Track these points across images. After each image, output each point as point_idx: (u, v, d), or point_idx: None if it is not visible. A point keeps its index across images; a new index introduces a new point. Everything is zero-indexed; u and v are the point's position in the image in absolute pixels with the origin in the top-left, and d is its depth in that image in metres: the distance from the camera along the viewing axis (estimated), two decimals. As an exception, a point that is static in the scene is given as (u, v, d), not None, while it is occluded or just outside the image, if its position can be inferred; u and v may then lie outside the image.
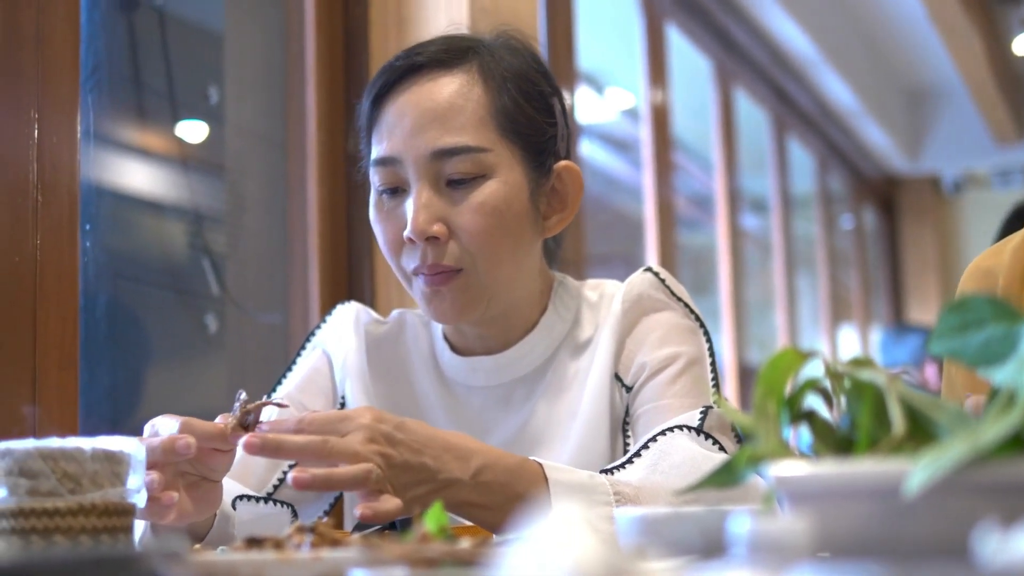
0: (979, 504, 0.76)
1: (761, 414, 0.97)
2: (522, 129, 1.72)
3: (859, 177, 8.44)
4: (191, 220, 2.76)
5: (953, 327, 0.89)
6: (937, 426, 0.88)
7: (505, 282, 1.72)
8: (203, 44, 2.90)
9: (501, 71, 1.73)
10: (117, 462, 1.22)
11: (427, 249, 1.67)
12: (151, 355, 2.64)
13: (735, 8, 5.69)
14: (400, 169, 1.69)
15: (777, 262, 6.73)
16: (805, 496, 0.80)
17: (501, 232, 1.69)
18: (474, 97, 1.70)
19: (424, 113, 1.69)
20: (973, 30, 6.61)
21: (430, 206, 1.66)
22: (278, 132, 3.00)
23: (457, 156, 1.67)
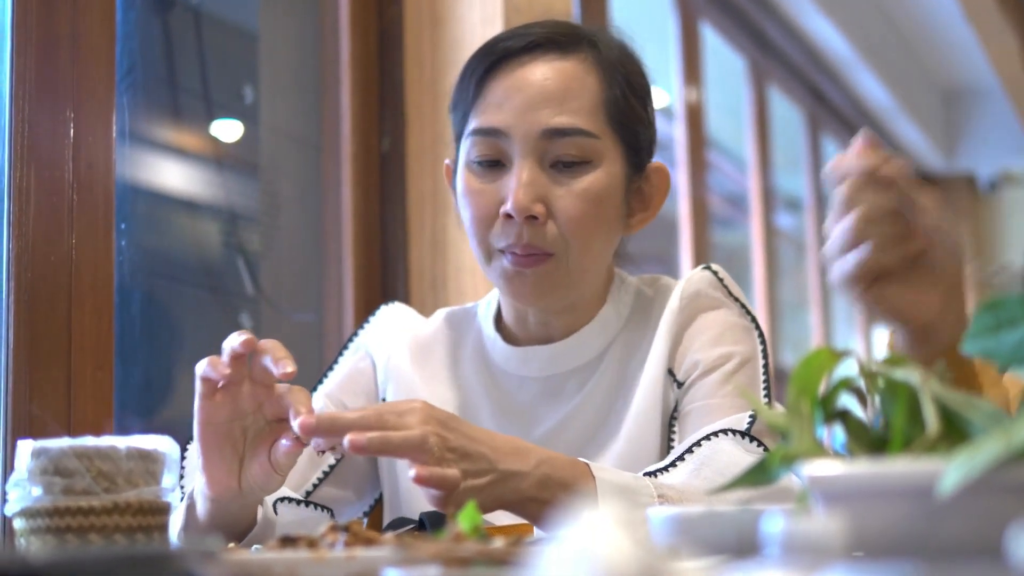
0: (1013, 504, 0.76)
1: (795, 413, 0.97)
2: (627, 123, 1.72)
3: (894, 176, 8.40)
4: (226, 219, 2.77)
5: (987, 327, 0.89)
6: (971, 425, 0.88)
7: (588, 273, 1.72)
8: (238, 44, 2.91)
9: (612, 62, 1.73)
10: (152, 460, 1.23)
11: (524, 228, 1.65)
12: (186, 354, 2.65)
13: (769, 6, 5.67)
14: (504, 143, 1.68)
15: (811, 261, 6.71)
16: (839, 496, 0.80)
17: (597, 222, 1.68)
18: (588, 83, 1.70)
19: (539, 91, 1.68)
20: (1009, 28, 6.57)
21: (534, 184, 1.65)
22: (313, 132, 3.01)
23: (568, 138, 1.66)
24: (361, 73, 2.98)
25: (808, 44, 6.20)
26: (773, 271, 5.78)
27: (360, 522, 1.13)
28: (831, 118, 6.96)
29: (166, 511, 1.23)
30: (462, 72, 1.75)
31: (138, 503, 1.20)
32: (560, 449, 1.66)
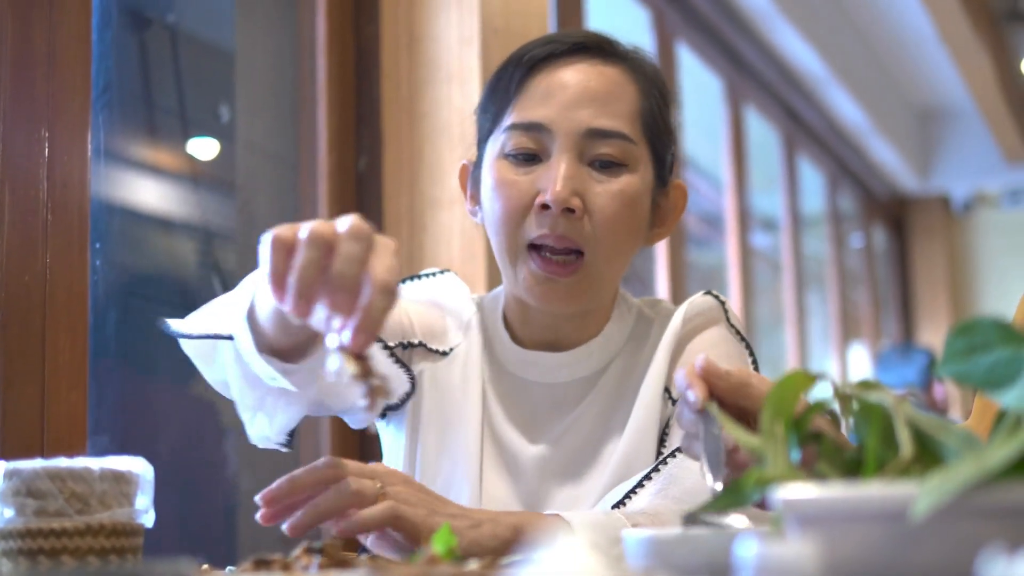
0: (986, 528, 0.76)
1: (769, 436, 0.97)
2: (658, 135, 1.76)
3: (869, 196, 8.44)
4: (202, 238, 2.76)
5: (960, 350, 0.89)
6: (945, 449, 0.88)
7: (611, 277, 1.74)
8: (214, 62, 2.91)
9: (648, 76, 1.77)
10: (125, 482, 1.22)
11: (559, 219, 1.66)
12: (161, 374, 2.64)
13: (745, 27, 5.70)
14: (545, 137, 1.70)
15: (787, 280, 6.73)
16: (812, 519, 0.80)
17: (627, 225, 1.71)
18: (629, 91, 1.73)
19: (586, 90, 1.71)
20: (983, 49, 6.62)
21: (573, 179, 1.67)
22: (289, 150, 3.01)
23: (609, 139, 1.69)
24: (338, 92, 2.98)
25: (784, 64, 6.23)
26: (749, 290, 5.79)
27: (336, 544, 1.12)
28: (807, 138, 6.98)
29: (139, 533, 1.23)
30: (499, 73, 1.78)
31: (111, 525, 1.19)
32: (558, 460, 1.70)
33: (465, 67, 2.90)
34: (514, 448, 1.75)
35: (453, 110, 2.90)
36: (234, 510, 2.85)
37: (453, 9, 2.92)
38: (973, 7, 6.37)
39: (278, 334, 1.37)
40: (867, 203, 8.44)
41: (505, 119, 1.73)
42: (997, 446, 0.81)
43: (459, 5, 2.91)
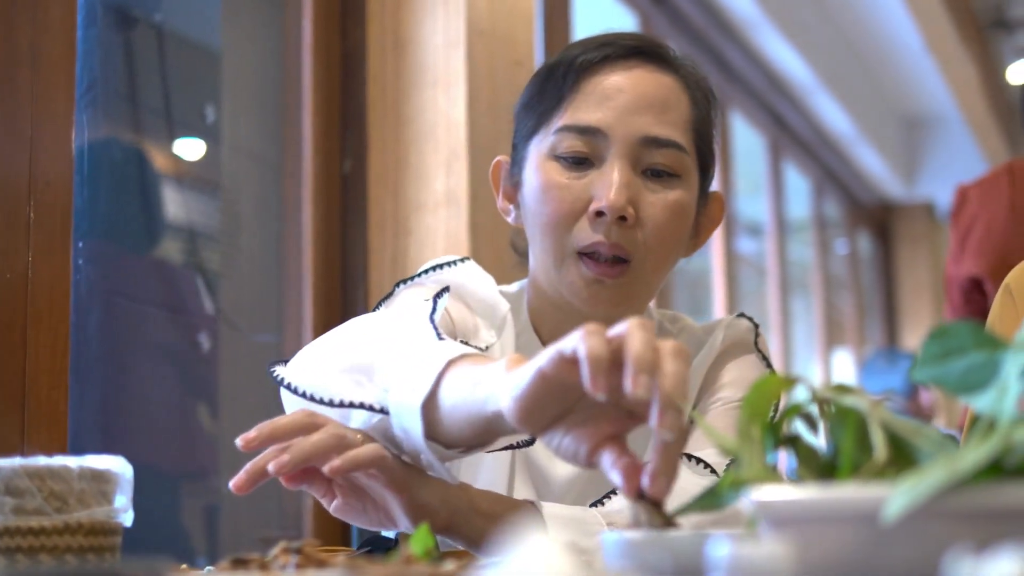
0: (958, 530, 0.77)
1: (746, 438, 0.98)
2: (705, 146, 1.73)
3: (854, 202, 8.46)
4: (186, 238, 2.76)
5: (935, 354, 0.89)
6: (919, 452, 0.89)
7: (654, 287, 1.71)
8: (200, 62, 2.91)
9: (700, 85, 1.74)
10: (104, 481, 1.22)
11: (613, 227, 1.62)
12: (143, 374, 2.64)
13: (733, 33, 5.71)
14: (600, 142, 1.66)
15: (772, 286, 6.74)
16: (786, 521, 0.81)
17: (676, 236, 1.68)
18: (683, 100, 1.70)
19: (644, 96, 1.67)
20: (968, 58, 6.64)
21: (629, 187, 1.64)
22: (274, 152, 3.01)
23: (665, 149, 1.65)
24: (323, 94, 2.98)
25: (770, 71, 6.24)
26: (734, 295, 5.80)
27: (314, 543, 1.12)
28: (792, 144, 7.00)
29: (118, 531, 1.22)
30: (547, 72, 1.72)
31: (89, 524, 1.19)
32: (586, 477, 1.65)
33: (451, 70, 2.90)
34: (544, 467, 1.70)
35: (439, 113, 2.90)
36: (215, 510, 2.85)
37: (439, 13, 2.92)
38: (959, 16, 6.40)
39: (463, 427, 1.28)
40: (852, 209, 8.46)
41: (555, 120, 1.68)
42: (969, 450, 0.81)
43: (445, 9, 2.91)
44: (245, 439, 1.34)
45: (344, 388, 1.41)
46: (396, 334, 1.43)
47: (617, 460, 1.14)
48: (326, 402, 1.41)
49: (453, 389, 1.28)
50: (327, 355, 1.46)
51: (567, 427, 1.18)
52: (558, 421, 1.18)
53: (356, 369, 1.41)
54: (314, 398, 1.43)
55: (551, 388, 1.15)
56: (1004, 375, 0.87)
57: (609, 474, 1.14)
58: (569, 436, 1.17)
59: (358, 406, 1.38)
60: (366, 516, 1.41)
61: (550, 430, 1.18)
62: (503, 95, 2.98)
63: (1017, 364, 0.87)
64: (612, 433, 1.17)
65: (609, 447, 1.15)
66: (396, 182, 2.92)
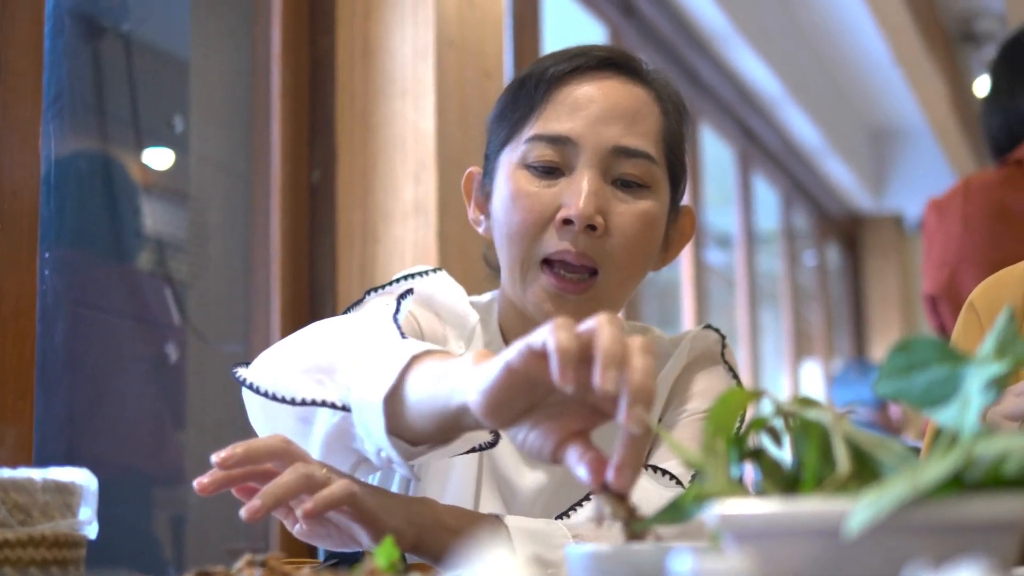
0: (919, 544, 0.77)
1: (710, 452, 0.98)
2: (676, 159, 1.73)
3: (823, 214, 8.50)
4: (153, 248, 2.75)
5: (899, 368, 0.90)
6: (882, 466, 0.89)
7: (621, 299, 1.70)
8: (169, 72, 2.90)
9: (671, 97, 1.74)
10: (68, 493, 1.21)
11: (581, 236, 1.62)
12: (110, 385, 2.62)
13: (702, 46, 5.73)
14: (570, 151, 1.66)
15: (741, 297, 6.76)
16: (749, 534, 0.81)
17: (645, 248, 1.68)
18: (655, 112, 1.70)
19: (615, 107, 1.67)
20: (936, 71, 6.68)
21: (599, 196, 1.64)
22: (242, 162, 3.00)
23: (635, 159, 1.66)
24: (292, 104, 2.98)
25: (740, 83, 6.27)
26: (703, 306, 5.82)
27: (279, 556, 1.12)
28: (762, 156, 7.02)
29: (82, 544, 1.22)
30: (520, 83, 1.73)
31: (53, 536, 1.18)
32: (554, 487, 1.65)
33: (420, 80, 2.90)
34: (511, 477, 1.69)
35: (407, 123, 2.90)
36: (182, 521, 2.84)
37: (408, 22, 2.92)
38: (927, 30, 6.43)
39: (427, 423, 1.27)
40: (821, 221, 8.49)
41: (527, 130, 1.68)
42: (931, 464, 0.81)
43: (414, 19, 2.91)
44: (220, 457, 1.34)
45: (306, 387, 1.40)
46: (359, 334, 1.43)
47: (583, 455, 1.14)
48: (287, 400, 1.41)
49: (417, 384, 1.27)
50: (289, 355, 1.46)
51: (533, 422, 1.18)
52: (524, 416, 1.18)
53: (318, 369, 1.40)
54: (275, 397, 1.42)
55: (519, 382, 1.15)
56: (966, 389, 0.87)
57: (575, 469, 1.14)
58: (535, 432, 1.18)
59: (319, 404, 1.38)
60: (330, 539, 1.40)
61: (515, 425, 1.19)
62: (472, 106, 2.98)
63: (979, 379, 0.87)
64: (578, 429, 1.17)
65: (575, 443, 1.16)
66: (364, 192, 2.91)
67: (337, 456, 1.41)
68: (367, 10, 2.98)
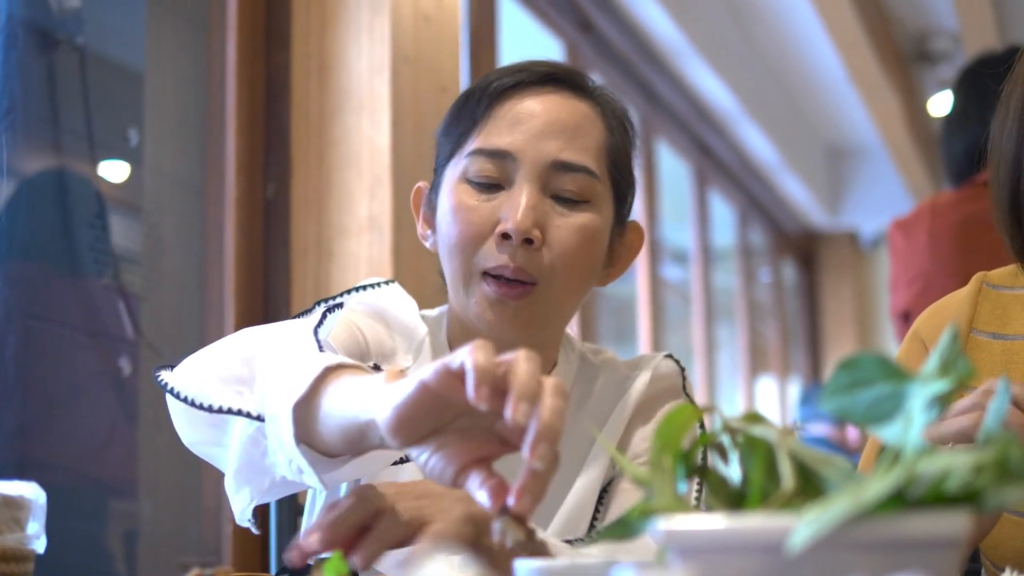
0: (861, 560, 0.78)
1: (657, 468, 0.99)
2: (621, 174, 1.73)
3: (779, 231, 8.54)
4: (108, 262, 2.74)
5: (844, 385, 0.91)
6: (827, 482, 0.90)
7: (564, 311, 1.71)
8: (124, 85, 2.89)
9: (616, 113, 1.75)
10: (17, 507, 1.21)
11: (518, 250, 1.63)
12: (63, 398, 2.61)
13: (658, 61, 5.75)
14: (510, 165, 1.66)
15: (697, 313, 6.78)
16: (693, 550, 0.82)
17: (585, 260, 1.68)
18: (597, 127, 1.71)
19: (555, 122, 1.68)
20: (891, 90, 6.73)
21: (536, 210, 1.64)
22: (197, 176, 2.99)
23: (574, 173, 1.66)
24: (247, 118, 2.97)
25: (696, 99, 6.29)
26: (659, 322, 5.83)
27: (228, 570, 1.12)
28: (718, 172, 7.05)
29: (29, 558, 1.21)
30: (464, 97, 1.74)
31: (1, 550, 1.18)
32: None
33: (375, 96, 2.90)
34: None
35: (363, 139, 2.90)
36: (134, 535, 2.82)
37: (364, 38, 2.92)
38: (882, 48, 6.48)
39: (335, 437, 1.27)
40: (777, 238, 8.54)
41: (469, 144, 1.69)
42: (874, 481, 0.82)
43: (370, 34, 2.92)
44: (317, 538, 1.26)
45: (224, 396, 1.41)
46: (279, 345, 1.44)
47: (484, 481, 1.15)
48: (206, 408, 1.41)
49: (329, 396, 1.27)
50: (211, 363, 1.46)
51: (437, 446, 1.18)
52: (429, 438, 1.18)
53: (237, 379, 1.42)
54: (195, 403, 1.43)
55: (431, 402, 1.15)
56: (909, 407, 0.88)
57: (475, 493, 1.15)
58: (438, 455, 1.18)
59: (236, 413, 1.39)
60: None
61: (420, 445, 1.18)
62: (428, 121, 2.99)
63: (922, 396, 0.88)
64: (481, 457, 1.18)
65: (477, 469, 1.16)
66: (319, 207, 2.91)
67: (252, 472, 1.41)
68: (323, 25, 2.98)
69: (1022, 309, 1.69)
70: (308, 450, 1.29)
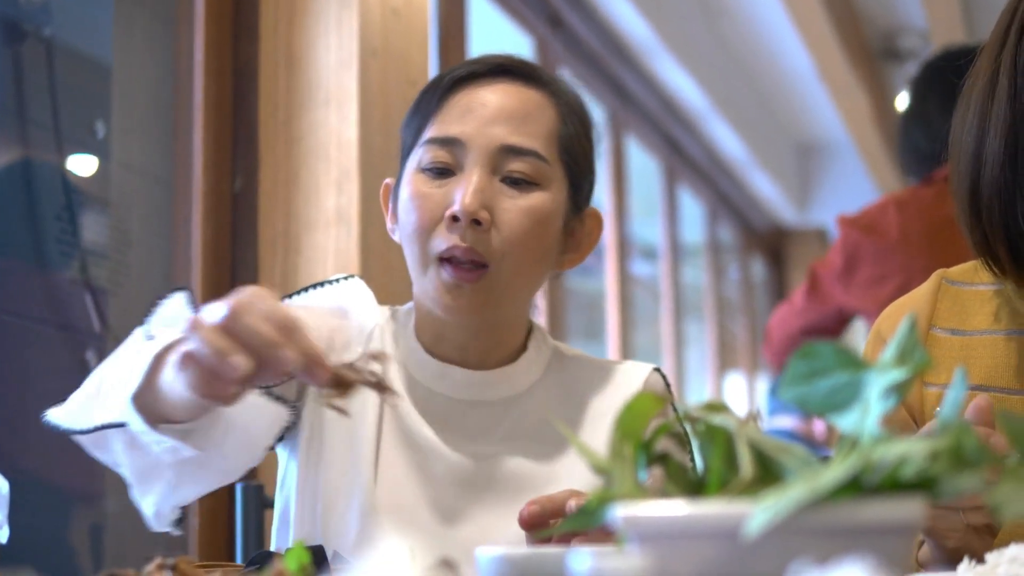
0: (816, 546, 0.79)
1: (618, 456, 0.99)
2: (576, 160, 1.78)
3: (748, 227, 8.56)
4: (74, 256, 2.73)
5: (802, 374, 0.91)
6: (784, 470, 0.91)
7: (518, 293, 1.75)
8: (91, 77, 2.88)
9: (569, 102, 1.81)
10: (-22, 497, 1.21)
11: (467, 231, 1.68)
12: (28, 392, 2.60)
13: (628, 58, 5.76)
14: (460, 152, 1.72)
15: (666, 309, 6.80)
16: (650, 536, 0.82)
17: (537, 241, 1.72)
18: (547, 114, 1.76)
19: (503, 108, 1.74)
20: (859, 87, 6.75)
21: (484, 191, 1.69)
22: (164, 169, 2.98)
23: (523, 157, 1.72)
24: (215, 111, 2.97)
25: (665, 96, 6.31)
26: (628, 318, 5.84)
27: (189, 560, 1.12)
28: (687, 169, 7.07)
29: (-9, 548, 1.21)
30: (422, 91, 1.81)
31: (-38, 540, 1.18)
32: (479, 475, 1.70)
33: (343, 89, 2.90)
34: (429, 447, 1.73)
35: (330, 132, 2.90)
36: (100, 530, 2.81)
37: (332, 32, 2.92)
38: (851, 45, 6.51)
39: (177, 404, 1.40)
40: (746, 234, 8.56)
41: (424, 135, 1.75)
42: (830, 468, 0.83)
43: (338, 28, 2.91)
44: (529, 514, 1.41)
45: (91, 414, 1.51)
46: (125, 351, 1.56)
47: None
48: (82, 431, 1.52)
49: (164, 377, 1.39)
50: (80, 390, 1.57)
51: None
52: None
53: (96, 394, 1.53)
54: (74, 431, 1.54)
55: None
56: (866, 396, 0.89)
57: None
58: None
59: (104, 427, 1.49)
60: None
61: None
62: (396, 115, 2.99)
63: (879, 385, 0.89)
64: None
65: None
66: (287, 200, 2.91)
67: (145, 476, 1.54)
68: (291, 19, 2.97)
69: (981, 305, 1.70)
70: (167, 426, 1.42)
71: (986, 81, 1.59)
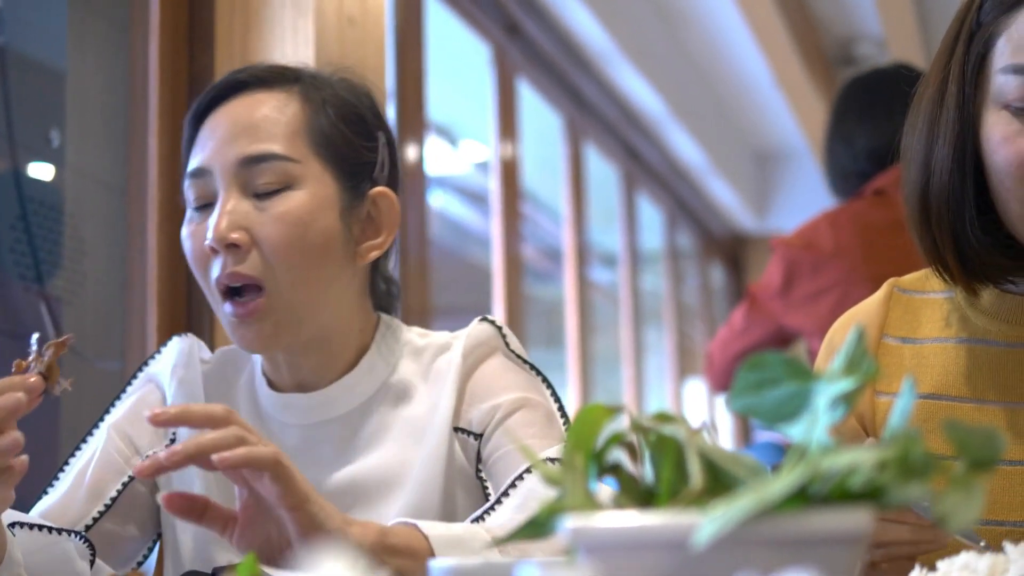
0: (764, 556, 0.79)
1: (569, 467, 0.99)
2: (337, 149, 1.72)
3: (707, 234, 8.59)
4: (28, 264, 2.71)
5: (750, 385, 0.92)
6: (735, 480, 0.91)
7: (311, 303, 1.69)
8: (45, 84, 2.87)
9: (322, 95, 1.74)
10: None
11: (227, 257, 1.64)
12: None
13: (586, 65, 5.77)
14: (210, 181, 1.68)
15: (625, 316, 6.81)
16: (599, 547, 0.82)
17: (303, 245, 1.67)
18: (289, 112, 1.71)
19: (236, 124, 1.69)
20: (816, 94, 6.80)
21: (233, 213, 1.65)
22: (119, 177, 2.97)
23: (264, 163, 1.67)
24: (170, 119, 2.95)
25: (624, 103, 6.32)
26: (587, 324, 5.85)
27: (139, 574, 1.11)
28: (646, 176, 7.08)
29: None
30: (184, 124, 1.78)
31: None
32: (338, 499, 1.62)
33: (300, 97, 2.89)
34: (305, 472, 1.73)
35: (287, 140, 2.89)
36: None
37: (288, 39, 2.91)
38: (808, 52, 6.55)
39: None
40: (705, 241, 8.59)
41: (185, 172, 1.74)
42: (779, 478, 0.83)
43: (294, 35, 2.91)
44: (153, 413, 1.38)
45: None
46: None
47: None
48: None
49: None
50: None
51: None
52: None
53: None
54: None
55: None
56: (815, 405, 0.90)
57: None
58: None
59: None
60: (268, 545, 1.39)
61: None
62: (353, 123, 2.98)
63: (828, 395, 0.90)
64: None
65: None
66: (243, 209, 2.90)
67: None
68: (246, 27, 2.96)
69: (932, 313, 1.71)
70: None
71: (935, 89, 1.60)
